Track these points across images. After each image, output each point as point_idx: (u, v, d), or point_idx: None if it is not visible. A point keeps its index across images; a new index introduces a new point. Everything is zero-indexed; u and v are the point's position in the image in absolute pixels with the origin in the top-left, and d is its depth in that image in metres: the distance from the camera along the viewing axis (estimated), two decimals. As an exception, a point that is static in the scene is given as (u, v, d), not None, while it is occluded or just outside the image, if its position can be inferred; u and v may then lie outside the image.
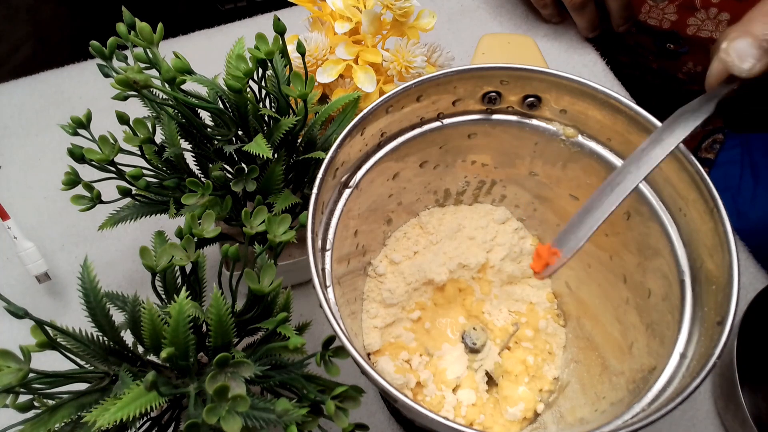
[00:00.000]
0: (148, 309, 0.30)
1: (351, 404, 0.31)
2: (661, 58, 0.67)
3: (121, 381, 0.31)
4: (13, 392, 0.28)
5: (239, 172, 0.39)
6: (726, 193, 0.63)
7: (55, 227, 0.55)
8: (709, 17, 0.59)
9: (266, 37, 0.37)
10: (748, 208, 0.62)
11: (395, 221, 0.45)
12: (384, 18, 0.46)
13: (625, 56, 0.71)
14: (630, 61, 0.71)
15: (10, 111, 0.63)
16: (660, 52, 0.66)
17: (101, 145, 0.38)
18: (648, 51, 0.67)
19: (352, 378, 0.35)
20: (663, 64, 0.68)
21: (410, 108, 0.39)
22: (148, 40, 0.37)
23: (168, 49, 0.40)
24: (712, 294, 0.32)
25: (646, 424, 0.28)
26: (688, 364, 0.32)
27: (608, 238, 0.41)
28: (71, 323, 0.32)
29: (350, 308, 0.41)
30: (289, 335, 0.31)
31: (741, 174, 0.64)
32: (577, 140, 0.40)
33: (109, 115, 0.38)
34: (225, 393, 0.27)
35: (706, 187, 0.33)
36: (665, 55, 0.66)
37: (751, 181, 0.63)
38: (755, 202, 0.62)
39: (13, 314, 0.28)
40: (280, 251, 0.34)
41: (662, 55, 0.66)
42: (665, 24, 0.61)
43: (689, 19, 0.60)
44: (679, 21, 0.61)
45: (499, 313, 0.45)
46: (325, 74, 0.45)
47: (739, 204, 0.62)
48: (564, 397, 0.41)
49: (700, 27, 0.60)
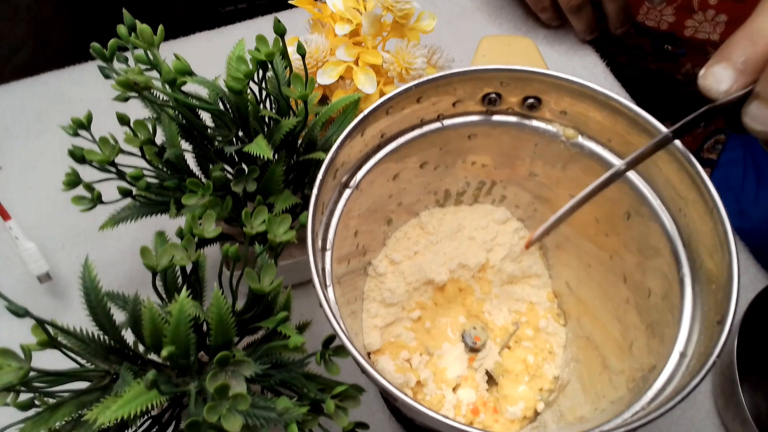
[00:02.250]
0: (148, 308, 0.30)
1: (351, 403, 0.31)
2: (660, 60, 0.67)
3: (122, 379, 0.31)
4: (14, 391, 0.28)
5: (240, 172, 0.39)
6: (728, 194, 0.63)
7: (55, 227, 0.55)
8: (706, 19, 0.59)
9: (266, 39, 0.37)
10: (750, 207, 0.62)
11: (395, 221, 0.45)
12: (384, 20, 0.46)
13: (623, 57, 0.71)
14: (628, 62, 0.72)
15: (11, 112, 0.63)
16: (658, 54, 0.66)
17: (102, 146, 0.38)
18: (646, 52, 0.68)
19: (352, 377, 0.35)
20: (661, 65, 0.68)
21: (410, 109, 0.39)
22: (149, 42, 0.37)
23: (168, 51, 0.40)
24: (712, 293, 0.32)
25: (646, 422, 0.28)
26: (688, 363, 0.32)
27: (608, 238, 0.41)
28: (72, 322, 0.32)
29: (350, 308, 0.41)
30: (289, 334, 0.32)
31: (744, 174, 0.64)
32: (577, 141, 0.40)
33: (109, 117, 0.38)
34: (225, 392, 0.27)
35: (706, 188, 0.33)
36: (663, 57, 0.66)
37: (754, 181, 0.63)
38: (758, 202, 0.62)
39: (14, 313, 0.28)
40: (281, 251, 0.34)
41: (660, 56, 0.66)
42: (663, 25, 0.62)
43: (687, 21, 0.60)
44: (677, 23, 0.61)
45: (499, 313, 0.45)
46: (326, 76, 0.45)
47: (742, 204, 0.63)
48: (564, 396, 0.41)
49: (697, 29, 0.60)
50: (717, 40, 0.62)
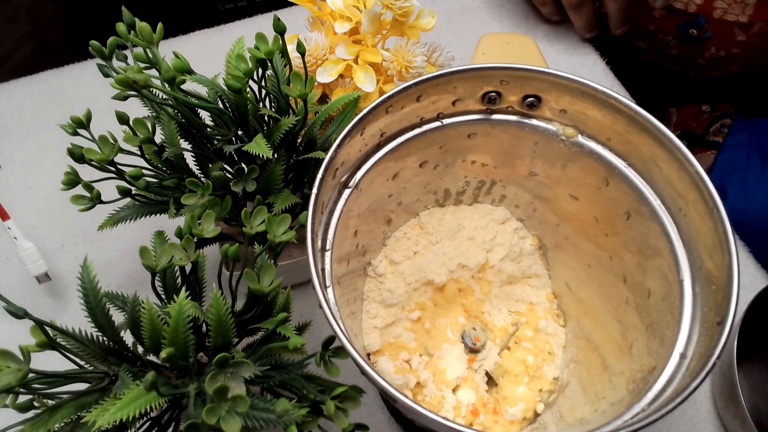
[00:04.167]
0: (147, 309, 0.30)
1: (351, 404, 0.31)
2: (683, 44, 0.67)
3: (121, 381, 0.31)
4: (13, 392, 0.28)
5: (239, 172, 0.39)
6: (734, 175, 0.65)
7: (55, 227, 0.55)
8: (735, 1, 0.59)
9: (266, 37, 0.37)
10: (755, 188, 0.64)
11: (395, 221, 0.45)
12: (384, 18, 0.46)
13: (643, 42, 0.71)
14: (649, 47, 0.72)
15: (10, 111, 0.63)
16: (682, 37, 0.66)
17: (101, 145, 0.38)
18: (670, 36, 0.68)
19: (352, 378, 0.35)
20: (684, 49, 0.68)
21: (410, 108, 0.39)
22: (148, 40, 0.37)
23: (168, 49, 0.40)
24: (711, 294, 0.32)
25: (646, 424, 0.28)
26: (688, 364, 0.31)
27: (608, 238, 0.41)
28: (71, 323, 0.32)
29: (350, 308, 0.41)
30: (289, 335, 0.31)
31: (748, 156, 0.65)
32: (576, 140, 0.40)
33: (108, 115, 0.38)
34: (225, 393, 0.27)
35: (706, 188, 0.33)
36: (687, 40, 0.66)
37: (759, 163, 0.65)
38: (763, 183, 0.64)
39: (13, 314, 0.28)
40: (280, 251, 0.34)
41: (684, 40, 0.66)
42: (691, 7, 0.62)
43: (716, 2, 0.60)
44: (705, 4, 0.61)
45: (499, 313, 0.45)
46: (325, 74, 0.45)
47: (747, 185, 0.64)
48: (564, 397, 0.41)
49: (726, 11, 0.60)
50: (745, 21, 0.62)
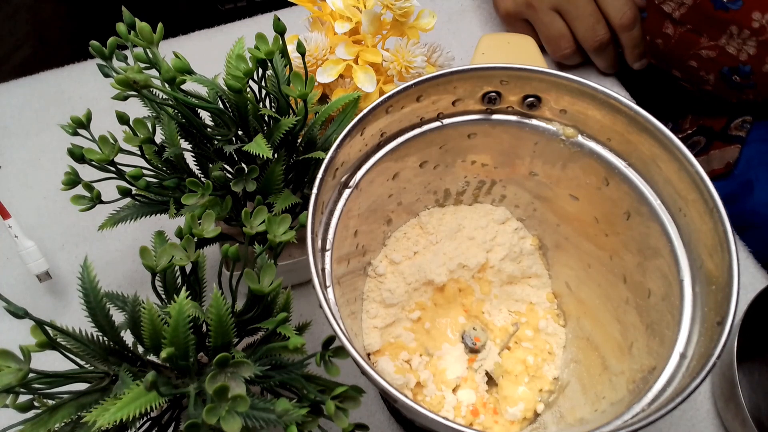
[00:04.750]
0: (148, 309, 0.30)
1: (351, 404, 0.31)
2: (722, 83, 0.66)
3: (121, 381, 0.31)
4: (13, 392, 0.28)
5: (239, 172, 0.39)
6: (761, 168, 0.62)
7: (55, 227, 0.55)
8: None
9: (266, 37, 0.37)
10: None
11: (395, 221, 0.45)
12: (384, 18, 0.46)
13: (680, 72, 0.69)
14: (684, 77, 0.70)
15: (10, 111, 0.63)
16: (723, 79, 0.64)
17: (101, 145, 0.38)
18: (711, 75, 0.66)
19: (352, 378, 0.35)
20: (721, 88, 0.66)
21: (410, 108, 0.39)
22: (148, 40, 0.37)
23: (168, 49, 0.40)
24: (711, 294, 0.32)
25: (646, 424, 0.28)
26: (688, 364, 0.32)
27: (608, 238, 0.41)
28: (71, 323, 0.32)
29: (350, 308, 0.41)
30: (289, 335, 0.31)
31: None
32: (576, 140, 0.40)
33: (109, 115, 0.38)
34: (225, 393, 0.27)
35: (706, 188, 0.33)
36: (727, 83, 0.64)
37: None
38: None
39: (13, 314, 0.28)
40: (280, 251, 0.34)
41: (725, 81, 0.64)
42: (742, 56, 0.60)
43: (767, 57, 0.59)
44: (757, 56, 0.60)
45: (499, 313, 0.45)
46: (325, 74, 0.45)
47: None
48: (564, 397, 0.41)
49: None
50: None
